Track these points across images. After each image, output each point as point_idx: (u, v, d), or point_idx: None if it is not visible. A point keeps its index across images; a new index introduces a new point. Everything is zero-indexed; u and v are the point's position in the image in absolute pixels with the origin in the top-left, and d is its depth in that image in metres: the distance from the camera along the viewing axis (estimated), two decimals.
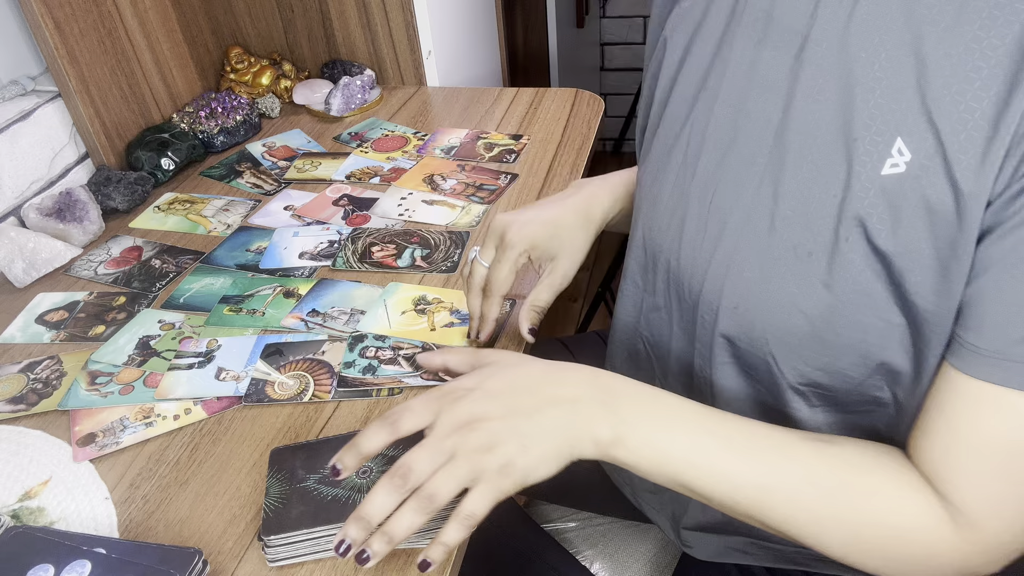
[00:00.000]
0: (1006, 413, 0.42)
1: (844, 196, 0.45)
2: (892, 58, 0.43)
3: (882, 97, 0.44)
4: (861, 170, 0.45)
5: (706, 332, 0.55)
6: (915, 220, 0.43)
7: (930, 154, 0.42)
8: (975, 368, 0.43)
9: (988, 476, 0.44)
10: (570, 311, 2.06)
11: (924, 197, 0.42)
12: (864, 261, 0.45)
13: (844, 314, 0.47)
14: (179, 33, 1.17)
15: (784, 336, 0.50)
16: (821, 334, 0.48)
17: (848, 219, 0.45)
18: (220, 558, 0.55)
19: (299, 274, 0.85)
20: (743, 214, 0.50)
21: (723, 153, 0.52)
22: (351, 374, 0.70)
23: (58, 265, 0.90)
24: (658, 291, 0.60)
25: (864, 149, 0.44)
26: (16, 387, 0.72)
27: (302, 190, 1.02)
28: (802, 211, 0.47)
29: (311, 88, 1.25)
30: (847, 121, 0.45)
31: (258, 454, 0.63)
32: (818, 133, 0.47)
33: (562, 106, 1.19)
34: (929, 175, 0.42)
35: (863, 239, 0.45)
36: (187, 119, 1.14)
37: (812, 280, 0.47)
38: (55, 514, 0.59)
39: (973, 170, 0.41)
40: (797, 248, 0.48)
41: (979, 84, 0.40)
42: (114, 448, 0.64)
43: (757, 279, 0.50)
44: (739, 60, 0.51)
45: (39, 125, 0.98)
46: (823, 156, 0.46)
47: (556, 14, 2.00)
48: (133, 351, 0.75)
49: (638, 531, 0.83)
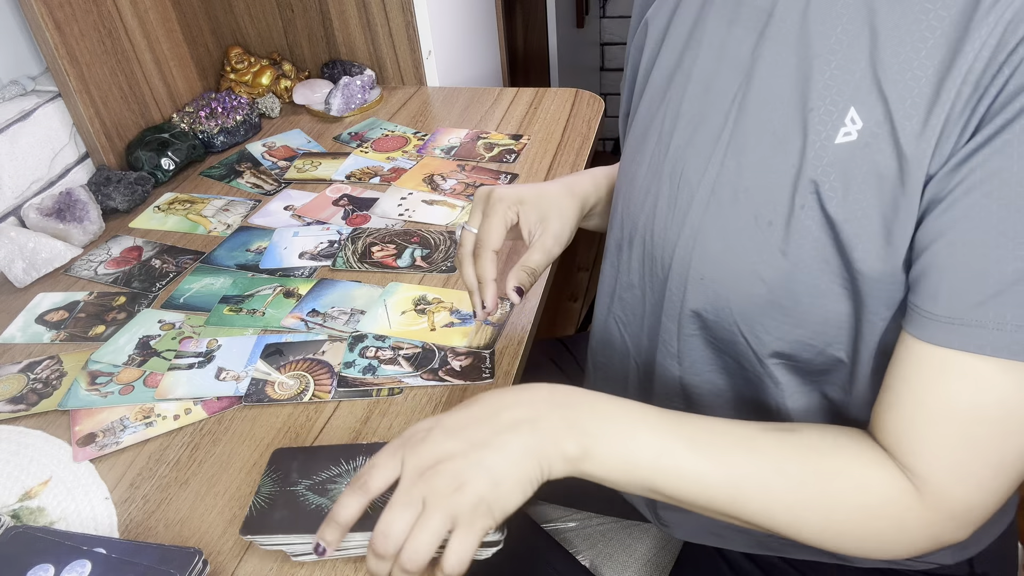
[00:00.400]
0: (965, 378, 0.43)
1: (800, 165, 0.47)
2: (847, 31, 0.45)
3: (837, 68, 0.45)
4: (816, 139, 0.46)
5: (674, 305, 0.57)
6: (865, 187, 0.44)
7: (879, 122, 0.43)
8: (933, 335, 0.43)
9: (951, 443, 0.44)
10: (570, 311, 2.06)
11: (873, 164, 0.44)
12: (819, 228, 0.47)
13: (801, 280, 0.48)
14: (179, 33, 1.17)
15: (747, 305, 0.51)
16: (780, 301, 0.50)
17: (804, 187, 0.47)
18: (220, 558, 0.55)
19: (299, 274, 0.85)
20: (708, 187, 0.52)
21: (693, 130, 0.54)
22: (351, 374, 0.70)
23: (58, 265, 0.90)
24: (632, 269, 0.62)
25: (819, 119, 0.46)
26: (16, 387, 0.72)
27: (302, 190, 1.02)
28: (762, 182, 0.49)
29: (311, 88, 1.25)
30: (804, 93, 0.47)
31: (258, 454, 0.63)
32: (778, 106, 0.48)
33: (562, 106, 1.19)
34: (878, 142, 0.44)
35: (817, 206, 0.46)
36: (187, 119, 1.14)
37: (771, 248, 0.49)
38: (55, 514, 0.59)
39: (915, 135, 0.42)
40: (758, 218, 0.49)
41: (925, 53, 0.42)
42: (114, 448, 0.64)
43: (721, 250, 0.51)
44: (711, 40, 0.53)
45: (39, 125, 0.98)
46: (782, 127, 0.48)
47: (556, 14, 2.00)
48: (133, 351, 0.75)
49: (637, 531, 0.83)
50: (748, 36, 0.50)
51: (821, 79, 0.46)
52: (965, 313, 0.42)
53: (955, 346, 0.42)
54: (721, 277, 0.52)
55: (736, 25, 0.51)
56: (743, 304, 0.52)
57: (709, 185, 0.52)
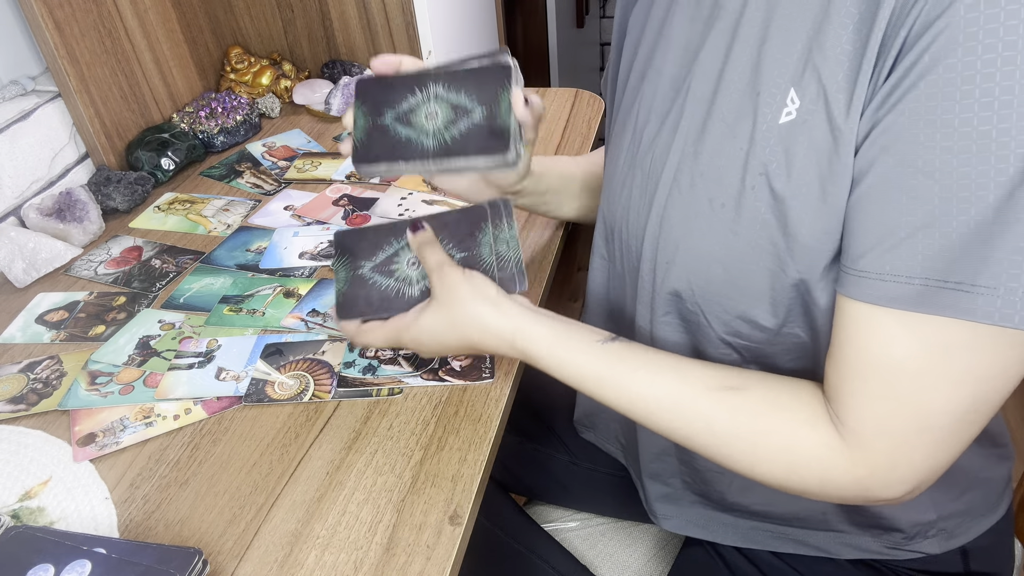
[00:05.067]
0: (874, 330, 0.44)
1: (749, 148, 0.48)
2: (788, 14, 0.47)
3: (779, 51, 0.47)
4: (762, 121, 0.48)
5: (645, 291, 0.59)
6: (806, 163, 0.46)
7: (813, 98, 0.45)
8: (845, 287, 0.45)
9: (872, 396, 0.45)
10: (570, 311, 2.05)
11: (811, 139, 0.45)
12: (767, 208, 0.48)
13: (752, 259, 0.50)
14: (179, 33, 1.17)
15: (706, 285, 0.54)
16: (735, 280, 0.52)
17: (753, 168, 0.48)
18: (220, 558, 0.55)
19: (299, 274, 0.85)
20: (671, 175, 0.54)
21: (661, 123, 0.56)
22: (351, 374, 0.70)
23: (58, 265, 0.90)
24: (616, 259, 0.64)
25: (765, 101, 0.47)
26: (16, 387, 0.72)
27: (302, 190, 1.02)
28: (716, 165, 0.51)
29: (311, 88, 1.25)
30: (753, 78, 0.48)
31: (258, 454, 0.63)
32: (730, 92, 0.50)
33: (562, 106, 1.19)
34: (814, 118, 0.45)
35: (766, 186, 0.48)
36: (187, 119, 1.14)
37: (724, 230, 0.51)
38: (55, 514, 0.59)
39: (845, 105, 0.43)
40: (712, 200, 0.51)
41: (852, 28, 0.43)
42: (114, 448, 0.64)
43: (682, 233, 0.53)
44: (676, 36, 0.55)
45: (39, 125, 0.98)
46: (733, 112, 0.50)
47: (556, 14, 2.00)
48: (133, 351, 0.75)
49: (636, 531, 0.83)
50: (704, 29, 0.53)
51: (767, 64, 0.48)
52: (868, 265, 0.43)
53: (861, 298, 0.44)
54: (683, 260, 0.54)
55: (696, 21, 0.54)
56: (704, 286, 0.54)
57: (671, 173, 0.54)
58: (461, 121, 0.59)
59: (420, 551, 0.54)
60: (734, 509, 0.67)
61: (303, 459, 0.62)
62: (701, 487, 0.68)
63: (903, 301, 0.42)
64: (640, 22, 0.62)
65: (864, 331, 0.45)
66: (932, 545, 0.62)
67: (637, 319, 0.62)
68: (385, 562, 0.53)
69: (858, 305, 0.44)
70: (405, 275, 0.61)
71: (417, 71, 0.62)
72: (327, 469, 0.61)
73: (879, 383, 0.45)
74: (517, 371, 0.70)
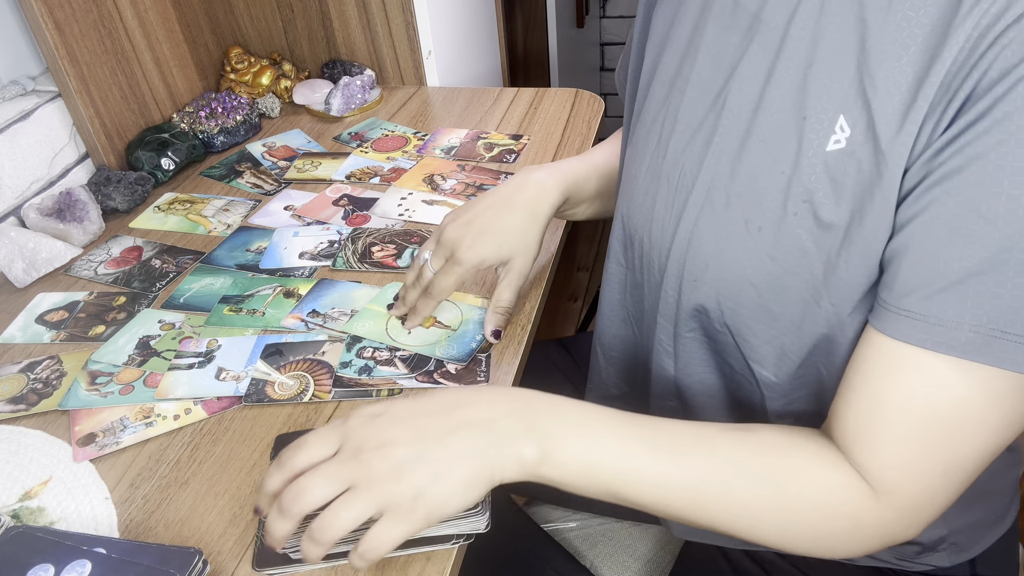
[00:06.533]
0: (920, 374, 0.43)
1: (792, 173, 0.47)
2: (836, 39, 0.45)
3: (828, 77, 0.46)
4: (808, 147, 0.46)
5: (669, 306, 0.58)
6: (853, 193, 0.45)
7: (864, 129, 0.44)
8: (889, 326, 0.44)
9: (905, 440, 0.44)
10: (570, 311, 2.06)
11: (859, 169, 0.44)
12: (808, 235, 0.47)
13: (787, 286, 0.49)
14: (179, 33, 1.17)
15: (737, 307, 0.52)
16: (768, 304, 0.51)
17: (796, 195, 0.47)
18: (220, 558, 0.55)
19: (299, 274, 0.85)
20: (703, 191, 0.53)
21: (691, 135, 0.55)
22: (347, 374, 0.70)
23: (58, 265, 0.90)
24: (635, 268, 0.63)
25: (811, 127, 0.46)
26: (16, 387, 0.72)
27: (302, 190, 1.02)
28: (754, 187, 0.49)
29: (311, 88, 1.25)
30: (798, 100, 0.47)
31: (258, 454, 0.63)
32: (771, 113, 0.49)
33: (562, 106, 1.19)
34: (864, 150, 0.44)
35: (810, 214, 0.47)
36: (187, 119, 1.14)
37: (760, 253, 0.49)
38: (55, 514, 0.59)
39: (893, 136, 0.43)
40: (748, 223, 0.50)
41: (906, 60, 0.42)
42: (114, 448, 0.64)
43: (712, 253, 0.52)
44: (708, 46, 0.54)
45: (39, 125, 0.98)
46: (774, 134, 0.48)
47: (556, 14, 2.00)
48: (133, 351, 0.75)
49: (637, 531, 0.83)
50: (741, 42, 0.51)
51: (814, 87, 0.46)
52: (914, 304, 0.42)
53: (910, 340, 0.42)
54: (712, 280, 0.53)
55: (731, 31, 0.52)
56: (733, 307, 0.53)
57: (703, 189, 0.53)
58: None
59: (420, 551, 0.54)
60: None
61: None
62: None
63: (952, 347, 0.41)
64: (665, 23, 0.60)
65: (903, 373, 0.43)
66: (942, 558, 0.62)
67: (658, 332, 0.60)
68: (385, 562, 0.53)
69: (899, 345, 0.43)
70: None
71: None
72: None
73: (914, 426, 0.43)
74: (517, 371, 0.70)
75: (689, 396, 0.62)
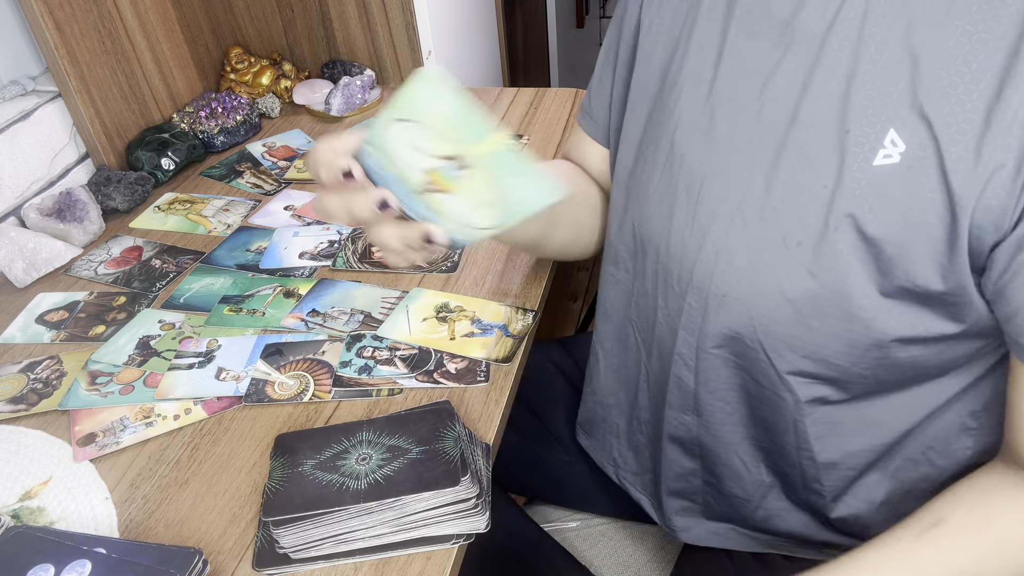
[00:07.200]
0: None
1: (835, 187, 0.46)
2: (883, 49, 0.44)
3: (873, 89, 0.44)
4: (853, 161, 0.45)
5: (693, 320, 0.56)
6: (909, 209, 0.44)
7: (923, 144, 0.43)
8: None
9: None
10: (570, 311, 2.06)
11: (918, 186, 0.43)
12: (851, 250, 0.46)
13: (829, 302, 0.48)
14: (179, 33, 1.17)
15: (772, 324, 0.51)
16: (807, 321, 0.49)
17: (839, 209, 0.46)
18: (220, 558, 0.55)
19: (299, 274, 0.85)
20: (733, 205, 0.51)
21: (711, 145, 0.53)
22: (347, 374, 0.70)
23: (58, 265, 0.90)
24: (647, 278, 0.61)
25: (856, 140, 0.45)
26: (16, 387, 0.72)
27: (302, 190, 1.02)
28: (792, 201, 0.48)
29: (311, 88, 1.25)
30: (840, 113, 0.46)
31: (258, 454, 0.63)
32: (810, 125, 0.47)
33: (562, 106, 1.19)
34: (924, 165, 0.43)
35: (853, 229, 0.46)
36: (187, 119, 1.14)
37: (799, 268, 0.48)
38: (55, 514, 0.59)
39: (966, 163, 0.41)
40: (786, 238, 0.48)
41: (969, 77, 0.41)
42: (114, 448, 0.64)
43: (746, 268, 0.51)
44: (733, 52, 0.52)
45: (39, 125, 0.98)
46: (814, 148, 0.47)
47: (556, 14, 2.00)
48: (133, 351, 0.75)
49: (637, 531, 0.83)
50: (772, 51, 0.49)
51: (858, 100, 0.45)
52: None
53: None
54: (745, 295, 0.51)
55: (758, 38, 0.50)
56: (767, 323, 0.51)
57: (734, 202, 0.51)
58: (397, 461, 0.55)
59: (420, 551, 0.54)
60: (758, 529, 0.66)
61: None
62: (726, 509, 0.66)
63: None
64: (669, 23, 0.58)
65: None
66: None
67: (678, 345, 0.58)
68: (385, 562, 0.53)
69: None
70: (352, 470, 0.55)
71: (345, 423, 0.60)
72: None
73: None
74: (517, 371, 0.70)
75: (708, 411, 0.60)
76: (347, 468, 0.55)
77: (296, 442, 0.59)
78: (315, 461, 0.56)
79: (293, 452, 0.57)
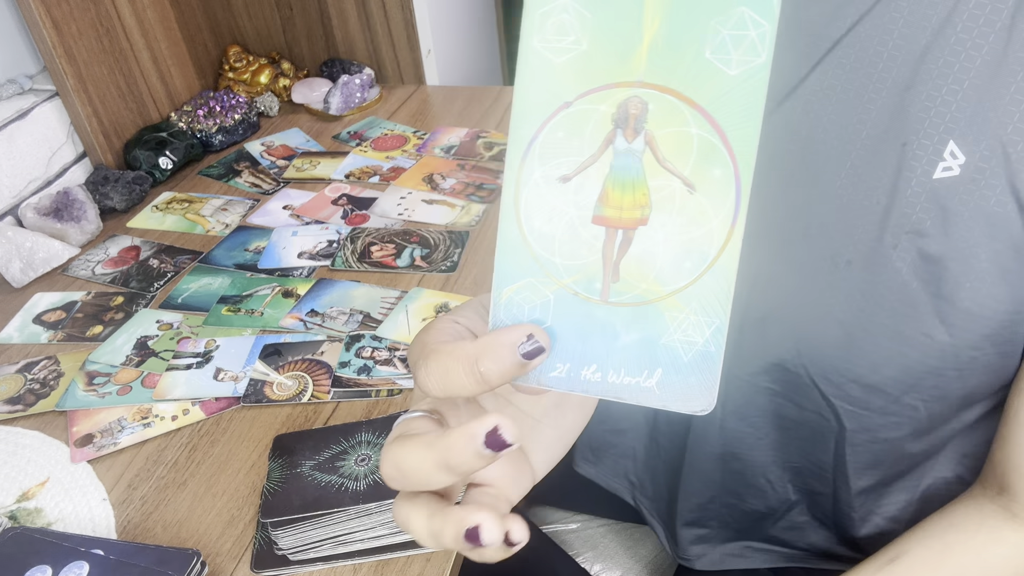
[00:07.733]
0: None
1: (890, 202, 0.43)
2: (945, 57, 0.42)
3: (928, 100, 0.42)
4: (910, 175, 0.43)
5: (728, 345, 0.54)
6: (972, 224, 0.41)
7: (985, 156, 0.41)
8: None
9: None
10: None
11: (983, 200, 0.41)
12: (911, 269, 0.43)
13: (882, 323, 0.45)
14: (177, 32, 1.16)
15: (818, 347, 0.48)
16: (858, 343, 0.46)
17: (894, 226, 0.43)
18: (218, 559, 0.55)
19: (298, 274, 0.85)
20: (773, 222, 0.48)
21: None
22: (346, 374, 0.70)
23: (56, 265, 0.89)
24: None
25: (913, 154, 0.42)
26: (13, 387, 0.72)
27: (301, 189, 1.02)
28: (841, 218, 0.45)
29: (310, 87, 1.25)
30: (896, 125, 0.43)
31: (256, 455, 0.63)
32: (855, 138, 0.45)
33: None
34: (987, 178, 0.41)
35: (912, 247, 0.43)
36: (185, 118, 1.13)
37: (850, 290, 0.45)
38: (53, 515, 0.59)
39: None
40: (835, 257, 0.45)
41: None
42: (112, 449, 0.64)
43: (790, 289, 0.48)
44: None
45: (37, 124, 0.98)
46: (863, 161, 0.44)
47: None
48: (131, 351, 0.75)
49: (638, 533, 0.83)
50: (804, 60, 0.47)
51: (914, 112, 0.42)
52: None
53: None
54: (788, 318, 0.48)
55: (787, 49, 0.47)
56: (814, 347, 0.48)
57: (774, 219, 0.48)
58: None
59: (419, 553, 0.53)
60: (775, 541, 0.64)
61: None
62: (742, 525, 0.64)
63: None
64: None
65: None
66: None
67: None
68: (384, 564, 0.53)
69: None
70: (351, 471, 0.54)
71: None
72: None
73: None
74: None
75: (736, 437, 0.57)
76: (346, 469, 0.55)
77: (295, 443, 0.58)
78: (314, 462, 0.56)
79: (292, 453, 0.57)
